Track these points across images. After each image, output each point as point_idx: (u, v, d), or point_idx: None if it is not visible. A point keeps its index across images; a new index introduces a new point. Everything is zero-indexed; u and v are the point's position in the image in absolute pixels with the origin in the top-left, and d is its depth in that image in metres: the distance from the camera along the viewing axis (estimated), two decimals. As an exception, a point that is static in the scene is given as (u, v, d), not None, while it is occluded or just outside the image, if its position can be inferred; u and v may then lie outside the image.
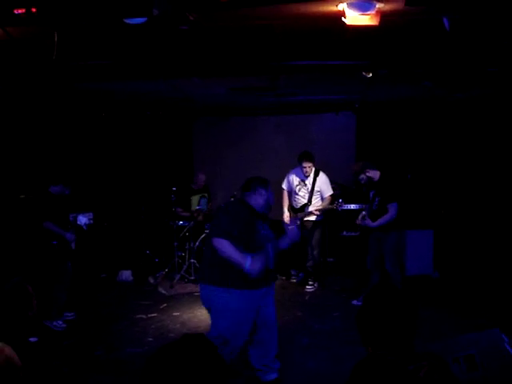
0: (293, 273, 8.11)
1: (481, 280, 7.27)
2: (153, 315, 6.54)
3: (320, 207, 7.38)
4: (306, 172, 7.36)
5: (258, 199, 4.23)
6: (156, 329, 6.07)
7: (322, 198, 7.48)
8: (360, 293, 6.76)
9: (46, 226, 5.94)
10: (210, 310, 4.31)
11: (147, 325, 6.20)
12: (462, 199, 8.50)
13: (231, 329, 4.11)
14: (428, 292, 7.17)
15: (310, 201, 7.40)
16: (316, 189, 7.40)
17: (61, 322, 6.09)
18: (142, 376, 1.58)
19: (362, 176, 6.47)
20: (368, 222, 6.46)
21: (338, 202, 7.24)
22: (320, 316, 6.42)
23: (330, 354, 5.18)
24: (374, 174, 6.45)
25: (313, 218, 7.44)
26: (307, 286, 7.61)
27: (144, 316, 6.51)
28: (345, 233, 8.53)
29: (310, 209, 7.41)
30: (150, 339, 5.71)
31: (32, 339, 5.57)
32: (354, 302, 6.75)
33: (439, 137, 8.81)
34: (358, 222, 6.68)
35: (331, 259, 8.83)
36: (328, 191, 7.45)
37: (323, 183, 7.42)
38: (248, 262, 3.97)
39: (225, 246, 4.00)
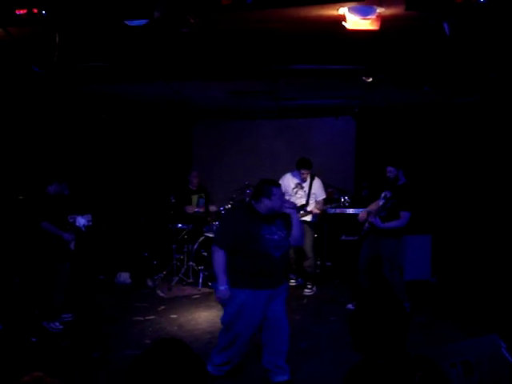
0: (292, 277, 8.11)
1: (479, 285, 7.27)
2: (150, 317, 6.54)
3: (318, 206, 7.63)
4: (304, 178, 7.64)
5: (261, 206, 4.31)
6: (153, 331, 6.05)
7: (315, 201, 7.71)
8: (355, 297, 6.77)
9: (44, 226, 5.95)
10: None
11: (145, 327, 6.20)
12: (460, 205, 8.50)
13: (231, 317, 4.37)
14: (426, 297, 7.16)
15: (307, 202, 7.62)
16: (312, 191, 7.66)
17: (58, 324, 6.07)
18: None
19: (393, 170, 6.36)
20: (377, 220, 6.23)
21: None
22: (318, 320, 6.41)
23: (327, 358, 5.16)
24: (402, 179, 6.41)
25: (308, 218, 7.59)
26: (306, 290, 7.62)
27: (142, 318, 6.50)
28: (344, 237, 8.56)
29: (309, 209, 7.58)
30: (148, 341, 5.69)
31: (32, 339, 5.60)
32: (349, 306, 6.74)
33: (438, 142, 8.82)
34: (362, 216, 6.56)
35: (329, 263, 8.83)
36: (322, 195, 7.76)
37: (318, 187, 7.72)
38: (221, 286, 4.28)
39: (215, 256, 4.31)
